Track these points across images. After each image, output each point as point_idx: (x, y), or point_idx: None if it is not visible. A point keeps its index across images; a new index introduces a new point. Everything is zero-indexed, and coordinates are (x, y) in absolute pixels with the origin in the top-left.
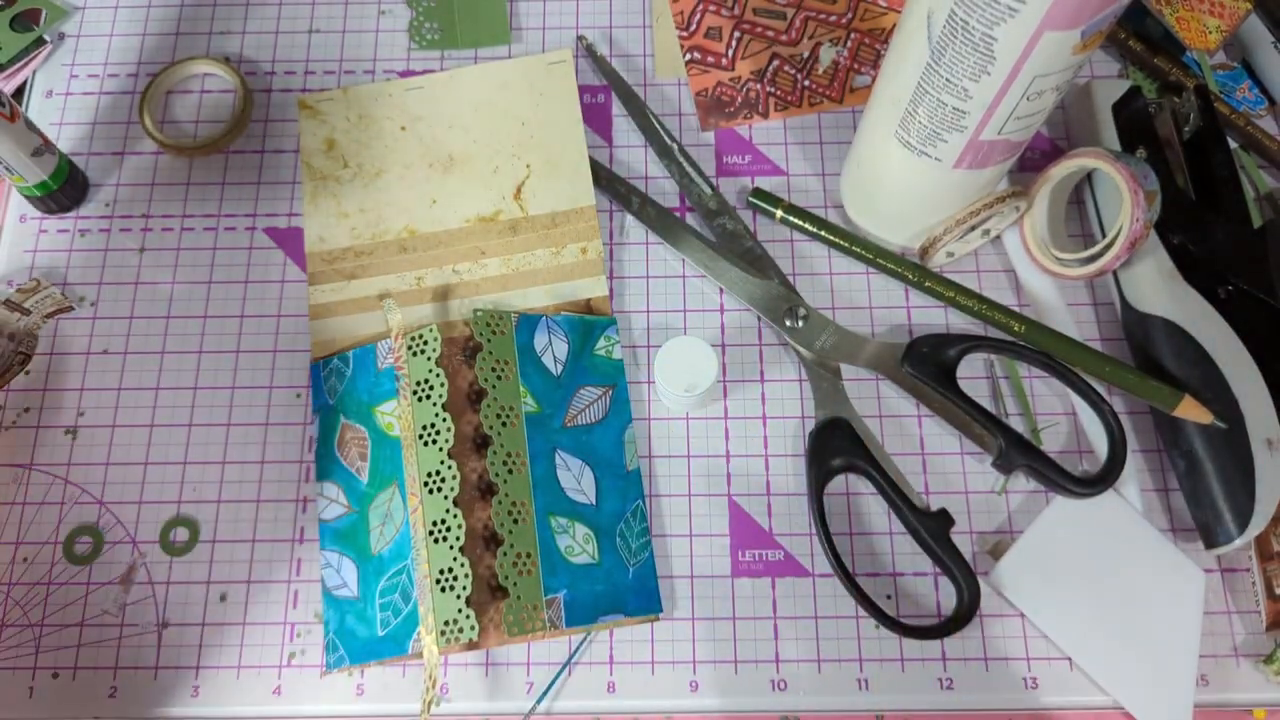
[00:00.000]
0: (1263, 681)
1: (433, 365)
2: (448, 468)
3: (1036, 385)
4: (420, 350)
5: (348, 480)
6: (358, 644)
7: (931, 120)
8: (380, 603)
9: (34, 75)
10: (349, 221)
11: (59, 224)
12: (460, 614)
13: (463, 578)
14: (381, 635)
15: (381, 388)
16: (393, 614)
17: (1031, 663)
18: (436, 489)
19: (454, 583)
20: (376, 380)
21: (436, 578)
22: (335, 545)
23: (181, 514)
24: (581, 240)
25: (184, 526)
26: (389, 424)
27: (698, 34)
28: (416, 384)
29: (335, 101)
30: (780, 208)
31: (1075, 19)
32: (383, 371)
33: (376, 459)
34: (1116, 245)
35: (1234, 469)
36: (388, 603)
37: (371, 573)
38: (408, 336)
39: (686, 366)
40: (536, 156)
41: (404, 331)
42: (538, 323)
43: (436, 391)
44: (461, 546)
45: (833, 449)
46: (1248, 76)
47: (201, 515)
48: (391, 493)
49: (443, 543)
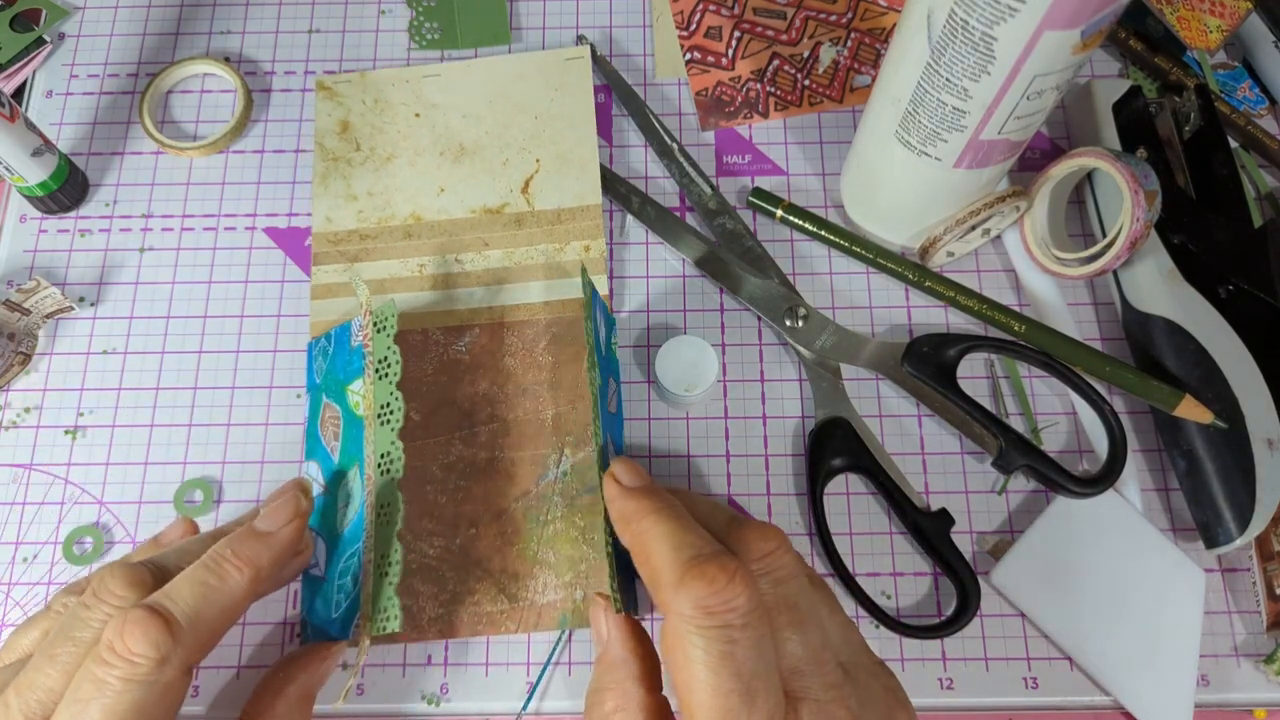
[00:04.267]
0: (1263, 681)
1: (390, 343)
2: (396, 449)
3: (1036, 385)
4: (382, 328)
5: (325, 459)
6: (317, 625)
7: (931, 120)
8: (337, 584)
9: (34, 75)
10: (357, 204)
11: (59, 224)
12: (389, 601)
13: (395, 564)
14: (334, 617)
15: (353, 365)
16: (344, 597)
17: (1031, 663)
18: (386, 470)
19: (389, 569)
20: (350, 358)
21: (377, 562)
22: (314, 525)
23: (182, 514)
24: (585, 238)
25: None
26: (356, 403)
27: (698, 34)
28: (379, 362)
29: (353, 85)
30: (780, 207)
31: (1075, 18)
32: (354, 349)
33: (346, 438)
34: (1117, 245)
35: (1234, 469)
36: (342, 585)
37: (335, 553)
38: (374, 314)
39: (686, 366)
40: (547, 151)
41: (370, 309)
42: (596, 300)
43: (394, 370)
44: (398, 532)
45: (833, 449)
46: (1248, 76)
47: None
48: (354, 473)
49: (389, 525)
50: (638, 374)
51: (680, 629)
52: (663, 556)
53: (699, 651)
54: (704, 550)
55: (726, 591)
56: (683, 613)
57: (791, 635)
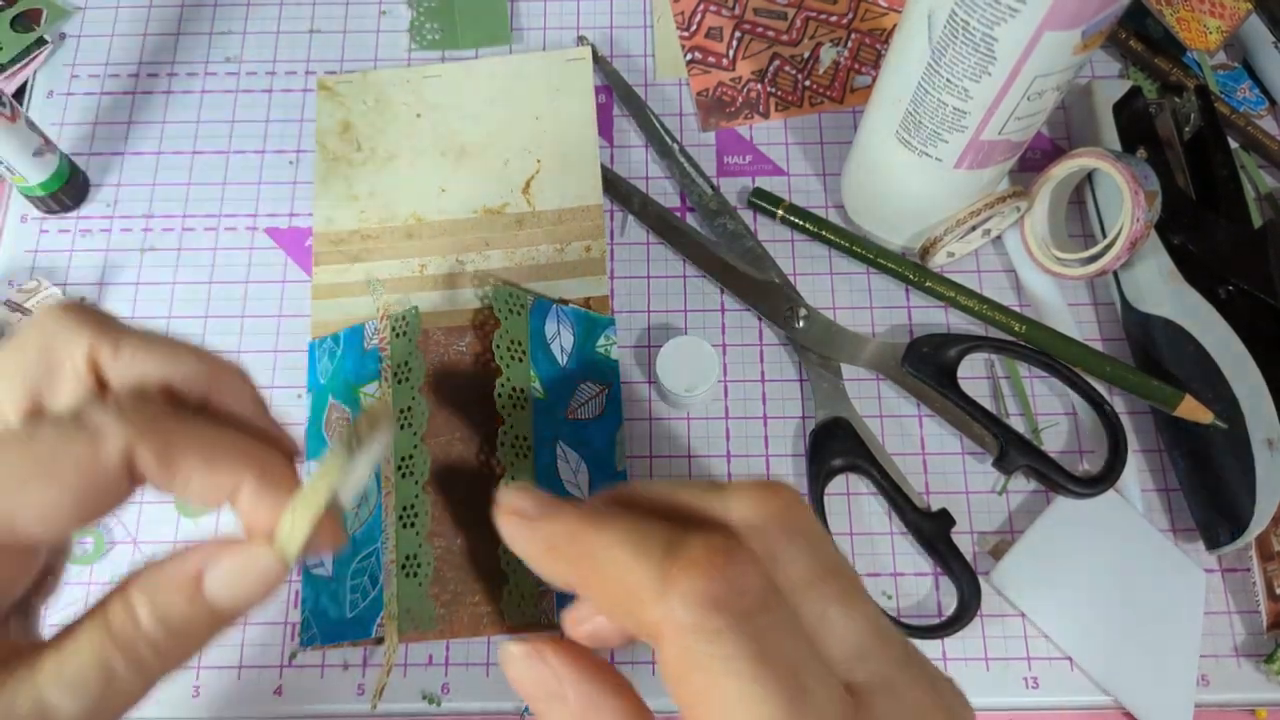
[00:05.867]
0: (1263, 681)
1: (413, 348)
2: (420, 452)
3: (1037, 385)
4: (403, 332)
5: None
6: (328, 624)
7: (932, 120)
8: (351, 584)
9: (35, 75)
10: (358, 204)
11: (60, 224)
12: (421, 602)
13: (426, 565)
14: (350, 616)
15: (367, 368)
16: (360, 596)
17: (1031, 663)
18: (408, 473)
19: (418, 569)
20: (362, 361)
21: (402, 563)
22: None
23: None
24: (586, 238)
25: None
26: (371, 405)
27: (698, 34)
28: (398, 366)
29: (354, 85)
30: (781, 208)
31: (1076, 19)
32: (368, 352)
33: None
34: (1117, 245)
35: (1234, 469)
36: (357, 584)
37: (346, 555)
38: (391, 318)
39: (687, 366)
40: (548, 152)
41: (388, 313)
42: (549, 309)
43: (415, 374)
44: (428, 533)
45: (833, 449)
46: (1248, 77)
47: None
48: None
49: (410, 528)
50: (638, 374)
51: (686, 646)
52: (626, 565)
53: (720, 663)
54: (677, 535)
55: (729, 572)
56: (683, 623)
57: (839, 611)
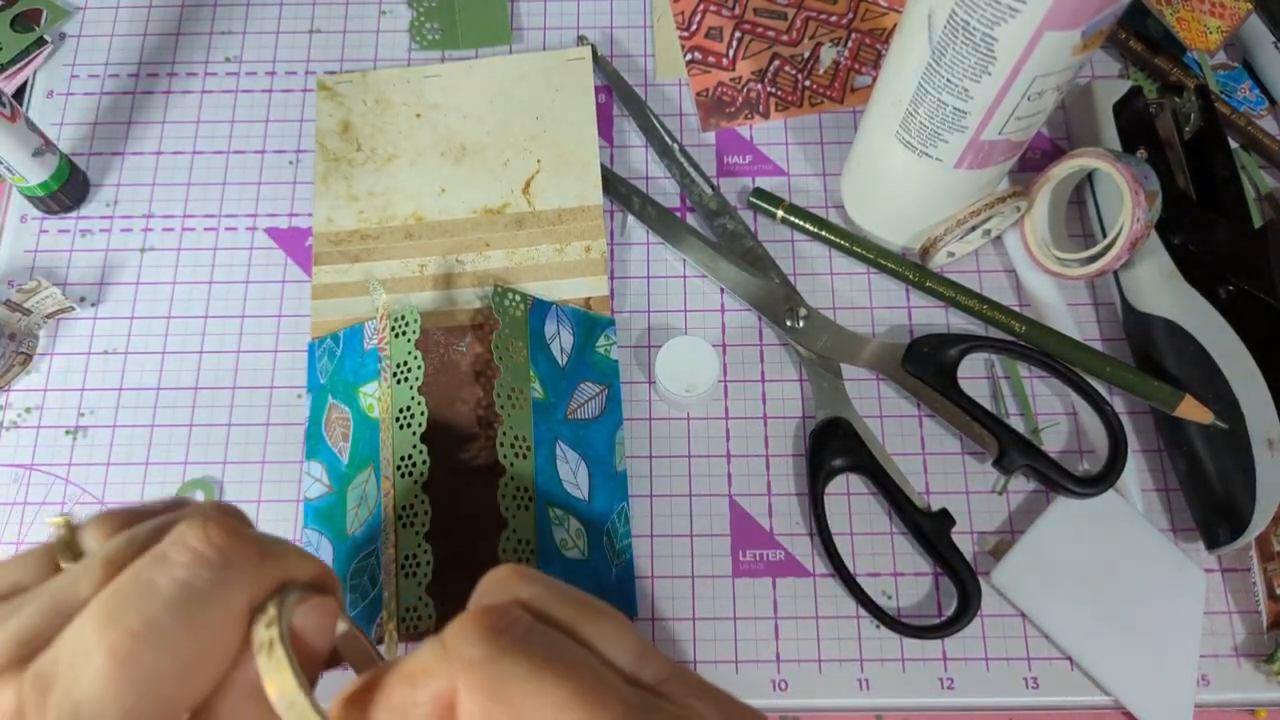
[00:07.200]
0: (1263, 681)
1: (411, 348)
2: (419, 452)
3: (1037, 385)
4: (402, 332)
5: (331, 460)
6: None
7: (932, 120)
8: (350, 584)
9: (35, 75)
10: (358, 205)
11: (60, 224)
12: (420, 601)
13: (426, 565)
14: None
15: (366, 368)
16: (360, 596)
17: (1031, 663)
18: (408, 473)
19: (416, 569)
20: (362, 361)
21: (402, 563)
22: (316, 525)
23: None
24: (586, 239)
25: None
26: (370, 405)
27: (698, 34)
28: (397, 366)
29: (354, 85)
30: (781, 208)
31: (1076, 19)
32: (368, 352)
33: (357, 440)
34: (1117, 245)
35: (1234, 469)
36: (357, 584)
37: (345, 554)
38: (391, 318)
39: (687, 366)
40: (548, 152)
41: (387, 313)
42: (548, 310)
43: (414, 374)
44: (427, 534)
45: (833, 449)
46: (1248, 76)
47: None
48: (368, 474)
49: (409, 528)
50: (638, 374)
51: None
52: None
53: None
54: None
55: (495, 612)
56: (474, 658)
57: (609, 627)
